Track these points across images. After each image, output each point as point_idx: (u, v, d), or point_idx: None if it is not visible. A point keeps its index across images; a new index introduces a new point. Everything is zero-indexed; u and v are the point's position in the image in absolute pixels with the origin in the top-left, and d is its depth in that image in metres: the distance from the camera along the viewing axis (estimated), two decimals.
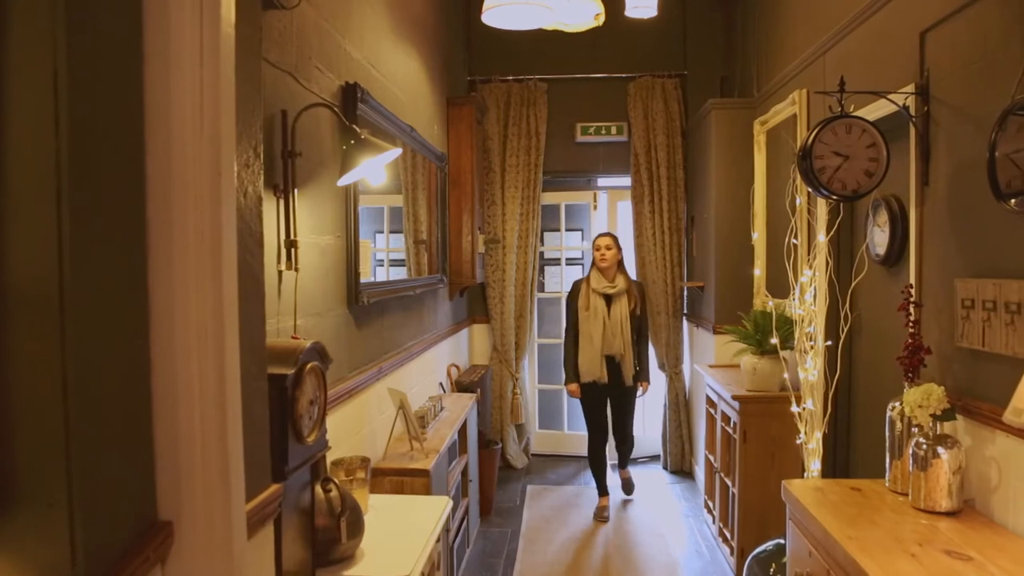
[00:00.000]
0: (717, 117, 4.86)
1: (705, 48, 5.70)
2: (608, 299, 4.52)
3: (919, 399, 2.21)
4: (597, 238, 4.66)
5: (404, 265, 4.11)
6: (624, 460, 5.01)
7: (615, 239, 4.61)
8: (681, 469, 5.73)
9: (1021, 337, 1.96)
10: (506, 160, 5.81)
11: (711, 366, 4.74)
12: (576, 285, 4.68)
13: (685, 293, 5.82)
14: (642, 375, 4.70)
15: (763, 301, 4.07)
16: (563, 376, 4.78)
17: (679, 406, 5.72)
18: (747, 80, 5.06)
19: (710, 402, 4.45)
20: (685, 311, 5.83)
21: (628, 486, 5.08)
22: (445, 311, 4.88)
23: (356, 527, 2.09)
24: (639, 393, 4.76)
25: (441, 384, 4.69)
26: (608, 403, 4.71)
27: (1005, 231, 2.07)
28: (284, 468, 1.64)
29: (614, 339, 4.48)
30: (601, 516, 4.74)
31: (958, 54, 2.34)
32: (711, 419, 4.46)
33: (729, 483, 4.01)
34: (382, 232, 4.00)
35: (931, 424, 2.20)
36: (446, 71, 5.02)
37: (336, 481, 2.06)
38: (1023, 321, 1.94)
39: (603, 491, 4.87)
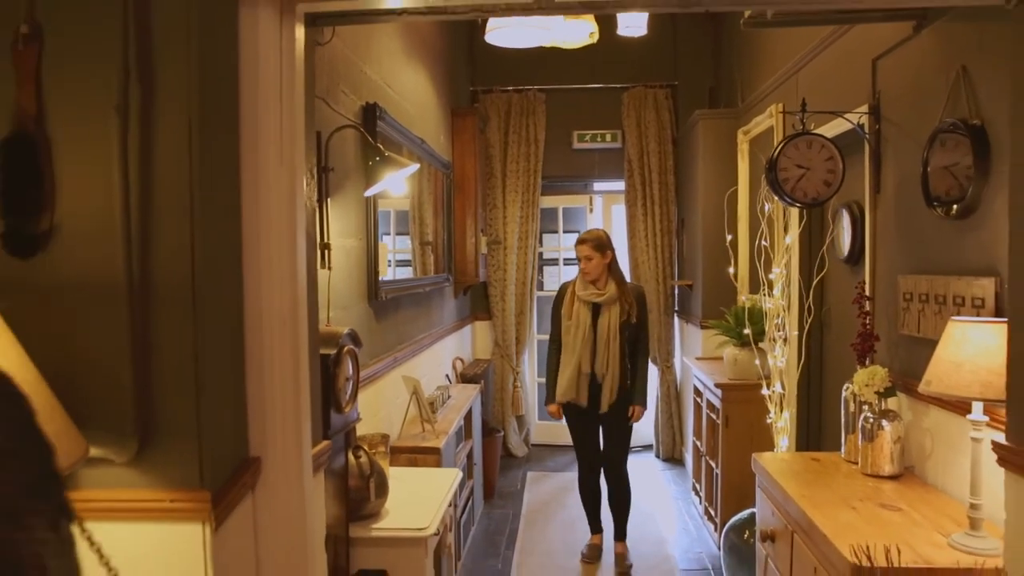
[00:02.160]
0: (704, 126, 5.22)
1: (694, 61, 6.05)
2: (595, 308, 3.77)
3: (866, 379, 2.56)
4: (576, 245, 3.82)
5: (410, 265, 4.45)
6: (621, 524, 4.05)
7: (597, 243, 3.76)
8: (672, 457, 6.08)
9: (944, 324, 2.31)
10: (507, 166, 6.16)
11: (698, 358, 5.09)
12: (562, 289, 3.93)
13: (676, 291, 6.18)
14: (635, 397, 3.84)
15: (742, 297, 4.42)
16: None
17: (670, 398, 6.07)
18: (732, 92, 5.41)
19: (697, 392, 4.81)
20: (676, 308, 6.18)
21: (624, 563, 3.99)
22: (451, 308, 5.23)
23: (382, 488, 2.44)
24: (630, 420, 3.90)
25: (447, 375, 5.03)
26: (600, 430, 3.99)
27: (935, 234, 2.42)
28: (328, 430, 1.99)
29: (597, 355, 3.75)
30: (591, 556, 4.07)
31: (902, 80, 2.70)
32: (698, 407, 4.81)
33: (713, 465, 4.36)
34: (389, 234, 4.34)
35: (876, 401, 2.55)
36: (450, 83, 5.38)
37: (365, 448, 2.41)
38: (946, 310, 2.29)
39: (595, 527, 4.16)
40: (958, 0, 1.61)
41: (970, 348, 1.85)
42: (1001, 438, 1.71)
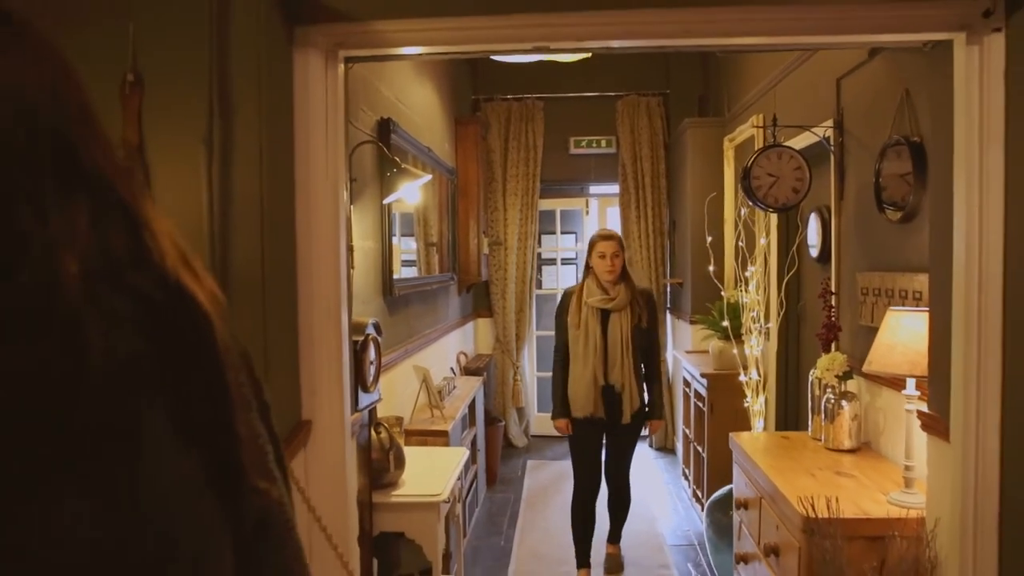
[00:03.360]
0: (692, 134, 5.55)
1: (684, 70, 6.38)
2: (604, 314, 3.51)
3: (827, 364, 2.89)
4: (599, 241, 3.55)
5: (414, 265, 4.77)
6: (616, 527, 3.90)
7: (621, 241, 3.58)
8: (664, 447, 6.41)
9: None
10: (507, 170, 6.50)
11: (687, 351, 5.42)
12: (566, 296, 3.66)
13: (668, 289, 6.51)
14: (655, 410, 3.67)
15: (729, 294, 4.75)
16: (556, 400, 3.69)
17: (663, 390, 6.39)
18: (719, 101, 5.75)
19: (686, 382, 5.14)
20: (668, 305, 6.52)
21: (615, 565, 3.88)
22: (455, 305, 5.56)
23: (400, 461, 2.77)
24: (644, 433, 3.76)
25: (452, 368, 5.36)
26: (603, 443, 3.73)
27: (885, 236, 2.76)
28: (356, 405, 2.32)
29: (613, 365, 3.48)
30: None
31: (860, 98, 3.03)
32: (687, 397, 5.14)
33: (700, 449, 4.69)
34: (395, 236, 4.67)
35: (837, 383, 2.88)
36: (454, 93, 5.71)
37: (385, 425, 2.74)
38: (894, 303, 2.62)
39: (583, 561, 3.76)
40: (889, 39, 1.94)
41: (903, 333, 2.18)
42: (926, 408, 2.04)
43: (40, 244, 0.51)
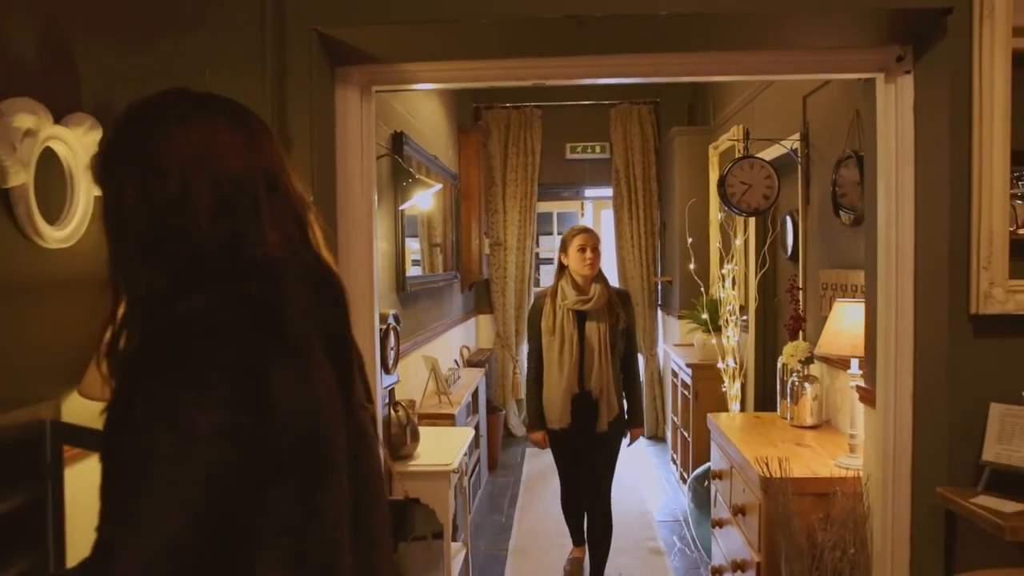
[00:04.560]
0: (680, 142, 5.93)
1: (674, 81, 6.75)
2: (580, 317, 3.32)
3: (792, 351, 3.28)
4: (577, 235, 3.39)
5: (419, 265, 5.14)
6: (599, 561, 3.55)
7: (598, 237, 3.43)
8: (655, 435, 6.80)
9: None
10: (507, 175, 6.88)
11: (675, 345, 5.81)
12: (539, 299, 3.47)
13: (659, 287, 6.89)
14: (635, 418, 3.48)
15: (713, 290, 5.14)
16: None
17: (654, 382, 6.78)
18: (706, 110, 6.13)
19: (674, 373, 5.52)
20: (659, 302, 6.90)
21: None
22: (459, 302, 5.94)
23: (415, 436, 3.15)
24: (626, 443, 3.51)
25: (456, 361, 5.74)
26: (587, 453, 3.46)
27: (841, 237, 3.14)
28: (381, 384, 2.69)
29: (590, 370, 3.29)
30: (575, 571, 3.71)
31: (822, 115, 3.41)
32: (675, 387, 5.53)
33: (686, 434, 5.07)
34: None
35: (800, 368, 3.27)
36: (457, 102, 6.08)
37: (403, 404, 3.12)
38: (847, 296, 3.00)
39: (578, 539, 3.74)
40: (828, 77, 2.31)
41: (846, 321, 2.56)
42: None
43: (258, 231, 0.92)
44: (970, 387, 1.91)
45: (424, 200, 3.56)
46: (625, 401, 3.45)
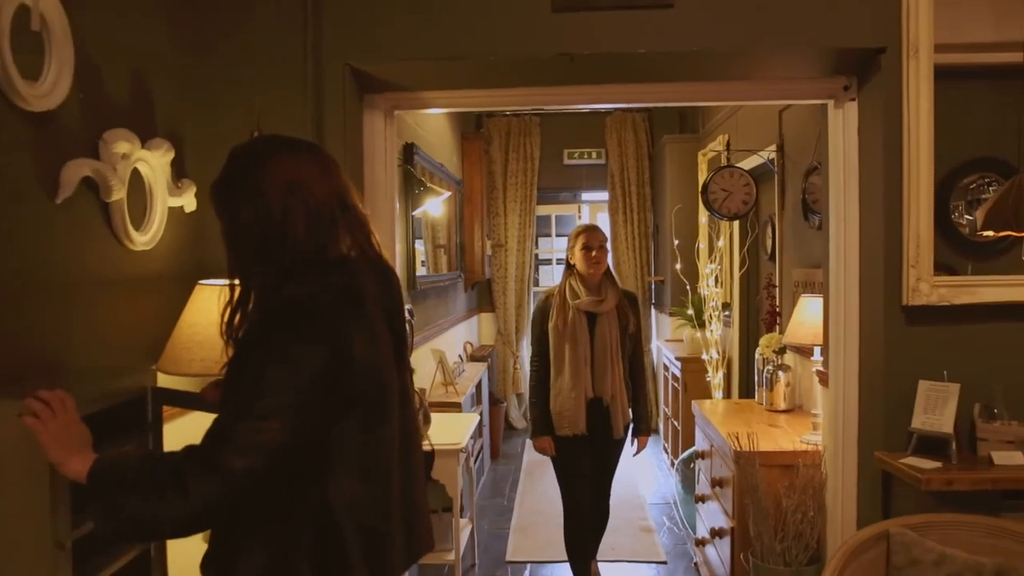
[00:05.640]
0: (671, 149, 6.28)
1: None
2: (592, 318, 3.17)
3: (767, 342, 3.62)
4: (581, 234, 3.21)
5: (424, 265, 5.48)
6: (596, 545, 3.54)
7: (605, 236, 3.27)
8: (649, 427, 7.13)
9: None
10: (507, 180, 7.23)
11: (667, 340, 6.16)
12: (546, 299, 3.29)
13: (652, 286, 7.24)
14: (642, 426, 3.38)
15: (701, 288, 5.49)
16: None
17: (648, 377, 7.13)
18: (695, 119, 6.48)
19: (665, 367, 5.87)
20: (653, 300, 7.25)
21: None
22: (462, 300, 6.29)
23: (427, 418, 3.49)
24: (632, 452, 3.43)
25: (460, 356, 6.09)
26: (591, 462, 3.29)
27: (809, 240, 3.49)
28: None
29: (603, 374, 3.14)
30: None
31: (795, 129, 3.76)
32: (666, 380, 5.88)
33: (676, 424, 5.42)
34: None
35: (774, 357, 3.61)
36: (460, 112, 6.43)
37: (417, 391, 3.46)
38: (814, 292, 3.35)
39: None
40: (788, 102, 2.66)
41: (808, 313, 2.91)
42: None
43: (336, 238, 1.28)
44: (903, 367, 2.25)
45: (434, 206, 3.90)
46: (634, 405, 3.33)
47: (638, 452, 3.44)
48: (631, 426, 3.36)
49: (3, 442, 1.30)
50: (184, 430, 1.91)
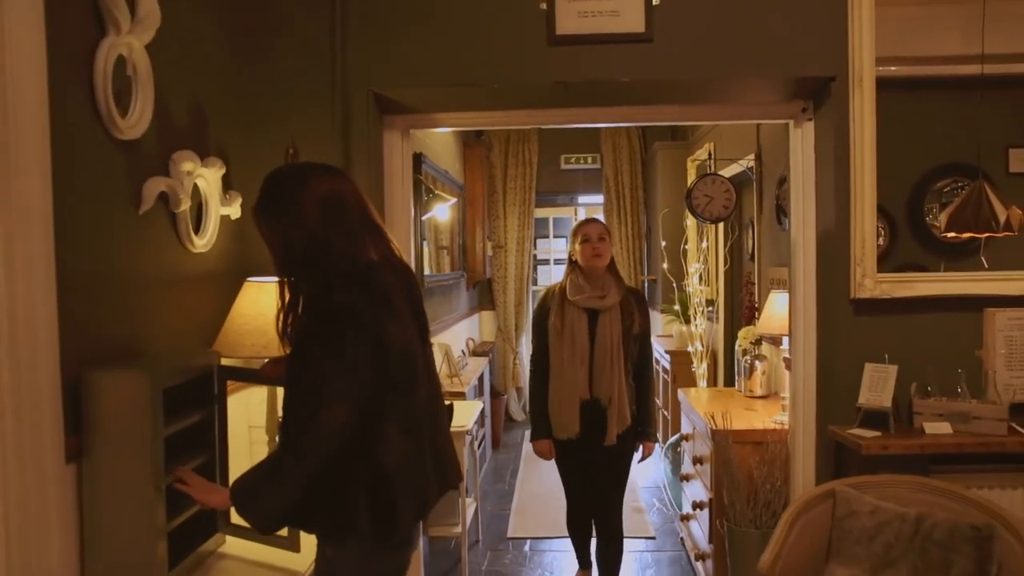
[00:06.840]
0: (662, 155, 6.64)
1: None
2: (593, 316, 3.05)
3: (744, 334, 3.98)
4: (584, 225, 3.13)
5: (428, 266, 5.82)
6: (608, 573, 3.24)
7: (607, 228, 3.16)
8: (655, 433, 7.48)
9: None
10: (507, 184, 7.58)
11: (658, 336, 6.50)
12: (546, 296, 3.19)
13: (646, 285, 7.59)
14: (647, 431, 3.20)
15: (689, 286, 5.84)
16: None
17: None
18: (685, 127, 6.83)
19: (656, 361, 6.23)
20: (646, 298, 7.60)
21: None
22: (464, 298, 6.64)
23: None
24: (638, 458, 3.26)
25: (463, 351, 6.43)
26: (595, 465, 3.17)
27: (782, 242, 3.84)
28: None
29: (600, 375, 3.01)
30: None
31: (771, 140, 4.11)
32: (658, 373, 6.22)
33: (666, 414, 5.77)
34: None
35: (751, 348, 3.96)
36: None
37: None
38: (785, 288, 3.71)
39: (585, 561, 3.46)
40: (756, 121, 3.01)
41: (778, 306, 3.26)
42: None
43: (364, 247, 1.64)
44: (852, 352, 2.60)
45: (441, 212, 4.25)
46: (637, 409, 3.17)
47: (644, 459, 3.25)
48: (636, 432, 3.17)
49: (117, 410, 1.65)
50: (242, 402, 2.27)
